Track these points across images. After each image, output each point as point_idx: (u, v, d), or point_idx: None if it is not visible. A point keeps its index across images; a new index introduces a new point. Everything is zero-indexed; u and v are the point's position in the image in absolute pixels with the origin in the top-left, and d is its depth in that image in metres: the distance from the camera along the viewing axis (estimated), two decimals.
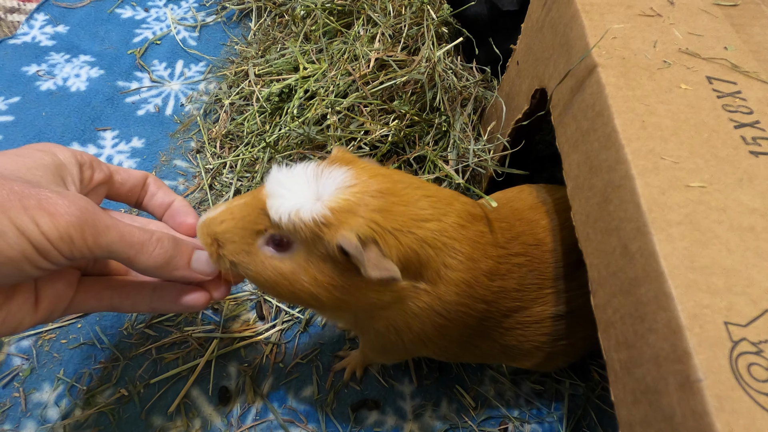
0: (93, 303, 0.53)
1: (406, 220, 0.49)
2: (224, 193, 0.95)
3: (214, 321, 0.79)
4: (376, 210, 0.47)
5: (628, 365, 0.38)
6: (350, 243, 0.45)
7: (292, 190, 0.47)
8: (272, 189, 0.48)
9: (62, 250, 0.41)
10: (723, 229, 0.38)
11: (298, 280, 0.49)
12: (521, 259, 0.59)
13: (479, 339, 0.61)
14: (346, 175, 0.48)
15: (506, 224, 0.60)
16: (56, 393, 0.71)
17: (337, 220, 0.46)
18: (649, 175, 0.41)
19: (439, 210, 0.52)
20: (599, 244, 0.45)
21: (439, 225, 0.51)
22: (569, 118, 0.56)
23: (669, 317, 0.34)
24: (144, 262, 0.47)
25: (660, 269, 0.35)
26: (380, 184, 0.49)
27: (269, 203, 0.47)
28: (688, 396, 0.31)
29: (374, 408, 0.73)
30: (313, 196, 0.47)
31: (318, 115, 0.89)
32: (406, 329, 0.56)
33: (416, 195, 0.51)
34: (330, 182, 0.48)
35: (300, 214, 0.46)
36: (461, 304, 0.55)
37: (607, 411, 0.76)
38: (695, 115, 0.47)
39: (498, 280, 0.57)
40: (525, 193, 0.68)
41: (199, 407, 0.72)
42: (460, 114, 0.95)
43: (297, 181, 0.48)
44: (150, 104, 1.09)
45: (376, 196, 0.48)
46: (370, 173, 0.50)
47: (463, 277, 0.53)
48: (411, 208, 0.50)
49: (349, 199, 0.47)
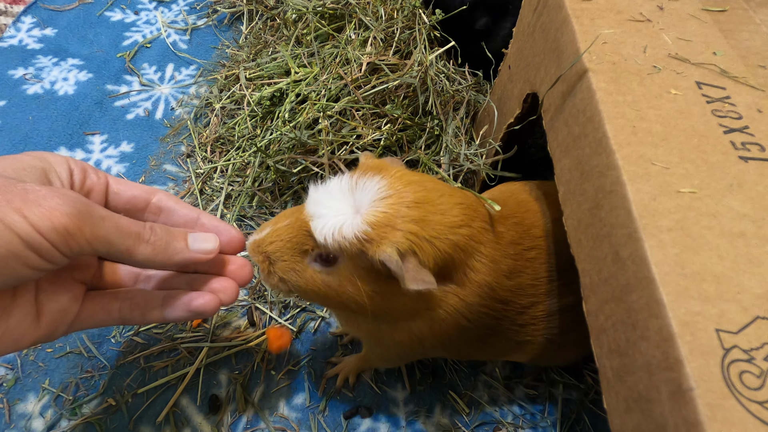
0: (102, 316, 0.51)
1: (442, 228, 0.50)
2: (215, 197, 0.94)
3: (203, 328, 0.78)
4: (414, 221, 0.49)
5: (621, 373, 0.37)
6: (391, 259, 0.47)
7: (332, 208, 0.49)
8: (313, 210, 0.50)
9: (58, 245, 0.40)
10: (713, 235, 0.38)
11: (345, 291, 0.52)
12: (533, 253, 0.60)
13: (494, 337, 0.62)
14: (380, 186, 0.50)
15: (517, 219, 0.61)
16: (41, 403, 0.70)
17: (378, 235, 0.48)
18: (640, 180, 0.41)
19: (469, 216, 0.53)
20: (591, 250, 0.45)
21: (469, 230, 0.53)
22: (560, 123, 0.56)
23: (660, 324, 0.33)
24: (143, 251, 0.46)
25: (651, 276, 0.35)
26: (415, 193, 0.50)
27: (313, 225, 0.49)
28: (681, 405, 0.30)
29: (367, 415, 0.73)
30: (352, 212, 0.49)
31: (309, 119, 0.88)
32: (430, 336, 0.57)
33: (449, 203, 0.52)
34: (366, 195, 0.50)
35: (343, 233, 0.48)
36: (482, 306, 0.56)
37: (600, 415, 0.75)
38: (685, 121, 0.47)
39: (515, 278, 0.58)
40: (528, 186, 0.69)
41: (188, 416, 0.70)
42: (452, 118, 0.95)
43: (334, 197, 0.50)
44: (140, 108, 1.07)
45: (411, 207, 0.49)
46: (403, 182, 0.51)
47: (485, 279, 0.55)
48: (446, 217, 0.51)
49: (387, 212, 0.48)
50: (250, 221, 0.91)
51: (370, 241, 0.48)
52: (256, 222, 0.91)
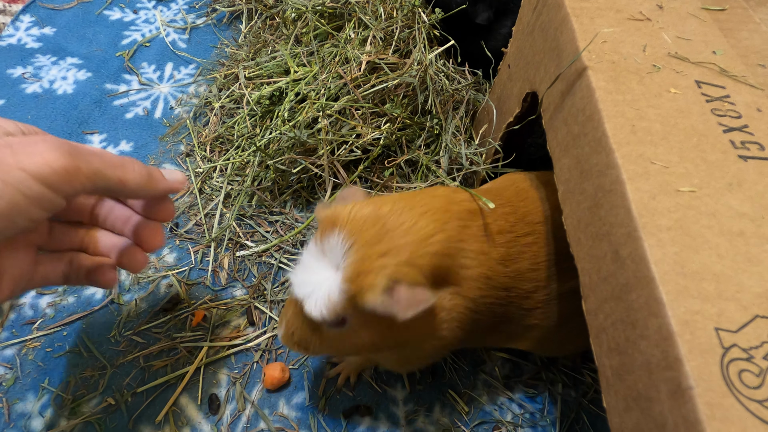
0: (52, 277, 0.54)
1: (414, 246, 0.51)
2: (214, 197, 0.93)
3: (203, 328, 0.78)
4: (382, 255, 0.50)
5: (620, 372, 0.37)
6: (377, 304, 0.48)
7: (314, 284, 0.52)
8: (300, 293, 0.53)
9: (62, 187, 0.40)
10: (713, 234, 0.38)
11: (362, 340, 0.56)
12: (530, 239, 0.60)
13: (505, 323, 0.63)
14: (340, 237, 0.51)
15: (510, 208, 0.62)
16: (40, 403, 0.70)
17: (357, 287, 0.49)
18: (640, 179, 0.41)
19: (439, 221, 0.53)
20: (590, 249, 0.45)
21: (445, 234, 0.53)
22: (560, 122, 0.56)
23: (660, 323, 0.33)
24: (133, 179, 0.48)
25: (651, 275, 0.35)
26: (372, 227, 0.51)
27: (306, 309, 0.52)
28: (680, 404, 0.30)
29: (367, 414, 0.73)
30: (332, 277, 0.51)
31: (309, 118, 0.88)
32: (451, 337, 0.59)
33: (413, 216, 0.52)
34: (335, 253, 0.51)
35: (331, 302, 0.50)
36: (485, 296, 0.57)
37: (599, 415, 0.75)
38: (684, 120, 0.47)
39: (512, 264, 0.59)
40: (531, 175, 0.70)
41: (188, 415, 0.70)
42: (452, 117, 0.95)
43: (311, 270, 0.53)
44: (139, 107, 1.07)
45: (374, 243, 0.50)
46: (358, 222, 0.52)
47: (479, 271, 0.56)
48: (413, 234, 0.51)
49: (355, 260, 0.50)
50: (249, 220, 0.91)
51: (354, 296, 0.49)
52: (256, 221, 0.91)
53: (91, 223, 0.59)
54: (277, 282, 0.84)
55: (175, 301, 0.80)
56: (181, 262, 0.85)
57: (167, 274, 0.83)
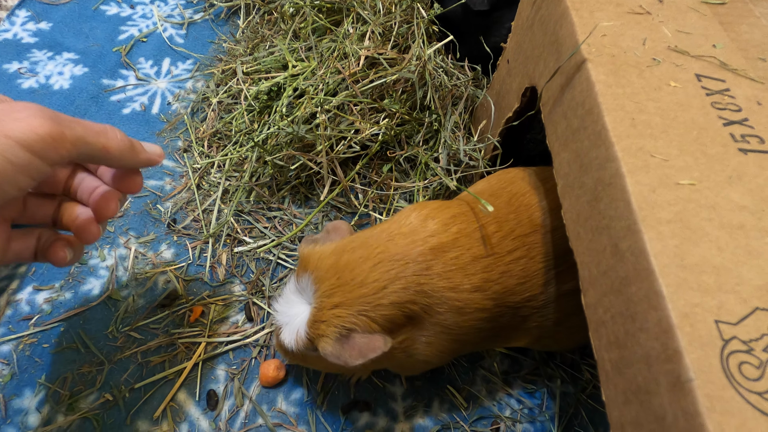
0: (25, 254, 0.53)
1: (367, 299, 0.53)
2: (212, 192, 0.93)
3: (201, 323, 0.78)
4: (335, 306, 0.53)
5: (619, 365, 0.37)
6: (327, 353, 0.53)
7: (289, 316, 0.57)
8: (277, 322, 0.59)
9: (48, 153, 0.39)
10: (713, 227, 0.37)
11: (334, 364, 0.58)
12: (517, 254, 0.59)
13: (504, 328, 0.63)
14: (310, 279, 0.56)
15: (495, 226, 0.61)
16: (37, 399, 0.69)
17: (314, 333, 0.54)
18: (639, 173, 0.41)
19: (393, 271, 0.55)
20: (590, 242, 0.45)
21: (399, 284, 0.54)
22: (559, 116, 0.56)
23: (660, 316, 0.33)
24: (116, 146, 0.47)
25: (650, 268, 0.35)
26: (332, 276, 0.55)
27: (281, 338, 0.59)
28: (680, 396, 0.30)
29: (365, 409, 0.73)
30: (304, 312, 0.56)
31: (307, 113, 0.88)
32: (436, 357, 0.62)
33: (365, 269, 0.54)
34: (307, 293, 0.57)
35: (299, 336, 0.56)
36: (465, 320, 0.58)
37: (598, 410, 0.76)
38: (684, 113, 0.47)
39: (494, 286, 0.58)
40: (526, 173, 0.69)
41: (186, 411, 0.70)
42: (451, 113, 0.95)
43: (290, 303, 0.58)
44: (136, 103, 1.07)
45: (329, 294, 0.54)
46: (324, 268, 0.56)
47: (453, 305, 0.56)
48: (364, 286, 0.54)
49: (315, 307, 0.55)
50: (247, 216, 0.90)
51: (313, 339, 0.54)
52: (254, 217, 0.91)
53: (64, 195, 0.58)
54: (275, 278, 0.84)
55: (173, 296, 0.80)
56: (179, 258, 0.85)
57: (165, 270, 0.83)
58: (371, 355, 0.51)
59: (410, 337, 0.58)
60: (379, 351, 0.51)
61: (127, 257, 0.84)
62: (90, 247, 0.85)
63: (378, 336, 0.52)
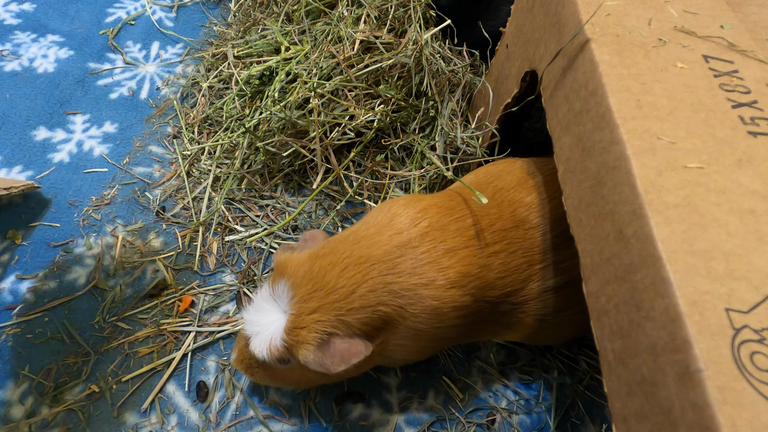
0: None
1: (340, 303, 0.52)
2: (202, 180, 0.91)
3: (191, 314, 0.76)
4: (313, 311, 0.52)
5: (623, 356, 0.36)
6: (308, 360, 0.51)
7: (261, 326, 0.55)
8: (248, 332, 0.56)
9: None
10: (722, 211, 0.36)
11: (306, 376, 0.59)
12: (497, 247, 0.58)
13: (483, 323, 0.61)
14: (286, 287, 0.54)
15: (473, 218, 0.59)
16: (20, 390, 0.67)
17: (293, 340, 0.52)
18: (645, 155, 0.39)
19: (358, 275, 0.54)
20: (592, 229, 0.43)
21: (365, 288, 0.53)
22: (560, 99, 0.54)
23: (667, 304, 0.32)
24: None
25: (657, 254, 0.33)
26: (307, 283, 0.54)
27: (251, 348, 0.56)
28: (688, 388, 0.29)
29: (359, 401, 0.71)
30: (278, 320, 0.54)
31: (300, 99, 0.85)
32: (418, 353, 0.61)
33: (334, 276, 0.54)
34: (282, 300, 0.55)
35: (273, 345, 0.53)
36: (442, 319, 0.56)
37: (595, 401, 0.75)
38: (692, 95, 0.45)
39: (473, 280, 0.56)
40: (515, 167, 0.67)
41: (175, 403, 0.68)
42: (448, 100, 0.93)
43: (262, 311, 0.55)
44: (123, 87, 1.03)
45: (308, 299, 0.53)
46: (300, 275, 0.55)
47: (428, 303, 0.54)
48: (335, 292, 0.53)
49: (293, 313, 0.53)
50: (239, 204, 0.88)
51: (290, 347, 0.53)
52: (246, 206, 0.88)
53: None
54: (267, 267, 0.82)
55: (162, 286, 0.78)
56: (168, 246, 0.83)
57: (153, 259, 0.81)
58: (354, 360, 0.50)
59: (386, 340, 0.57)
60: (362, 355, 0.51)
61: (114, 246, 0.81)
62: (76, 235, 0.82)
63: (358, 340, 0.52)
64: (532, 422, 0.72)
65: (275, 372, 0.60)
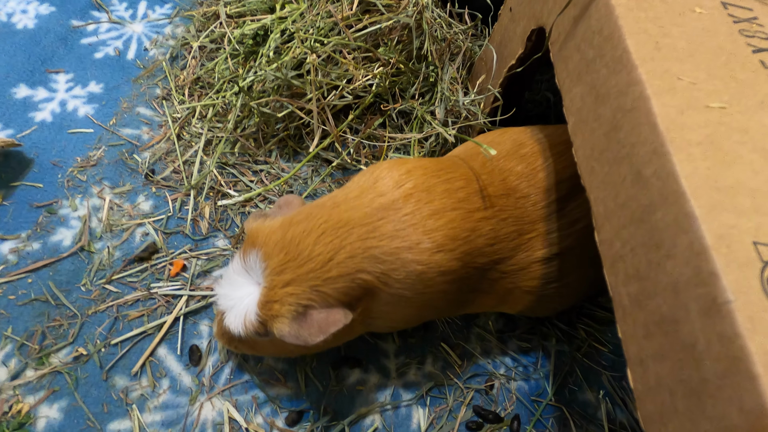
0: None
1: (316, 273, 0.50)
2: (193, 143, 0.87)
3: (182, 278, 0.73)
4: (287, 284, 0.50)
5: (640, 298, 0.34)
6: (284, 334, 0.49)
7: (234, 300, 0.52)
8: (222, 306, 0.54)
9: None
10: (746, 150, 0.34)
11: (287, 347, 0.57)
12: (488, 213, 0.56)
13: (471, 293, 0.59)
14: (258, 258, 0.51)
15: (462, 182, 0.56)
16: (4, 352, 0.64)
17: (267, 314, 0.50)
18: (666, 95, 0.38)
19: (335, 241, 0.51)
20: (606, 175, 0.42)
21: (344, 254, 0.50)
22: (571, 50, 0.52)
23: (691, 239, 0.30)
24: None
25: (681, 190, 0.32)
26: (279, 252, 0.51)
27: (226, 323, 0.53)
28: (715, 320, 0.27)
29: (356, 366, 0.70)
30: (252, 293, 0.51)
31: (296, 59, 0.82)
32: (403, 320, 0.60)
33: (310, 243, 0.51)
34: (254, 272, 0.52)
35: (248, 319, 0.51)
36: (428, 285, 0.53)
37: (593, 368, 0.74)
38: (711, 39, 0.43)
39: (462, 245, 0.53)
40: (504, 137, 0.65)
41: (167, 367, 0.66)
42: (448, 66, 0.90)
43: (235, 285, 0.53)
44: (109, 47, 0.98)
45: (281, 271, 0.50)
46: (271, 245, 0.51)
47: (412, 269, 0.51)
48: (311, 261, 0.50)
49: (266, 286, 0.50)
50: (232, 169, 0.85)
51: (265, 321, 0.50)
52: (239, 170, 0.85)
53: None
54: None
55: (152, 250, 0.75)
56: (158, 210, 0.80)
57: (143, 222, 0.77)
58: (332, 329, 0.48)
59: (369, 308, 0.54)
60: (340, 324, 0.48)
61: (101, 208, 0.78)
62: (60, 196, 0.79)
63: (337, 309, 0.50)
64: (530, 388, 0.72)
65: (256, 344, 0.58)
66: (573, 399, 0.71)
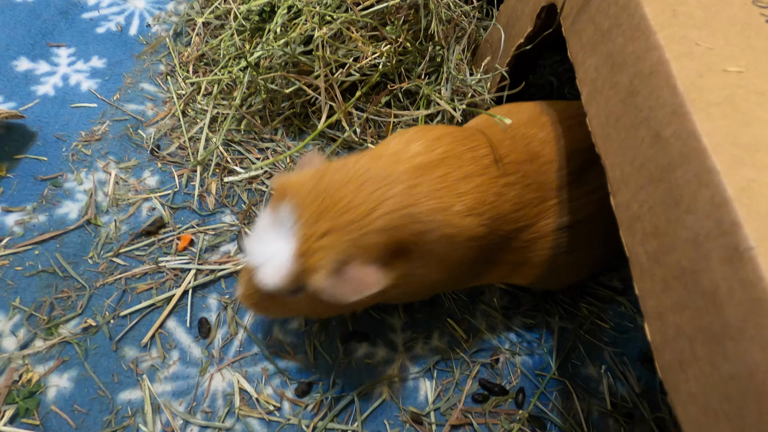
0: None
1: (358, 224, 0.48)
2: (198, 120, 0.86)
3: (190, 252, 0.73)
4: (323, 235, 0.48)
5: (658, 254, 0.35)
6: (320, 288, 0.47)
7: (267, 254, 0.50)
8: (254, 262, 0.51)
9: None
10: (764, 111, 0.35)
11: (321, 306, 0.55)
12: (512, 178, 0.57)
13: (492, 263, 0.60)
14: (289, 211, 0.49)
15: (487, 149, 0.57)
16: (12, 322, 0.64)
17: (303, 266, 0.48)
18: (684, 59, 0.38)
19: (378, 191, 0.49)
20: (623, 141, 0.42)
21: (387, 206, 0.49)
22: (585, 23, 0.53)
23: (712, 193, 0.31)
24: None
25: (701, 146, 0.33)
26: (314, 201, 0.49)
27: (259, 279, 0.51)
28: (737, 267, 0.28)
29: (364, 340, 0.71)
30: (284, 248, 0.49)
31: (304, 35, 0.81)
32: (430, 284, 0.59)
33: (351, 190, 0.49)
34: (285, 226, 0.49)
35: (282, 274, 0.49)
36: (455, 250, 0.54)
37: (595, 344, 0.76)
38: (726, 9, 0.44)
39: (489, 209, 0.54)
40: (522, 108, 0.66)
41: (176, 339, 0.67)
42: (454, 47, 0.90)
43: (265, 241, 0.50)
44: (111, 22, 0.97)
45: (315, 221, 0.48)
46: (303, 195, 0.50)
47: (443, 232, 0.52)
48: (355, 211, 0.48)
49: (299, 237, 0.48)
50: (238, 146, 0.85)
51: (301, 274, 0.48)
52: (245, 147, 0.85)
53: None
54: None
55: (159, 224, 0.74)
56: (164, 185, 0.79)
57: (149, 197, 0.77)
58: (367, 291, 0.47)
59: (404, 271, 0.54)
60: (377, 287, 0.47)
61: (107, 182, 0.78)
62: (65, 170, 0.78)
63: (373, 269, 0.48)
64: (535, 363, 0.73)
65: (284, 304, 0.56)
66: (576, 373, 0.72)
